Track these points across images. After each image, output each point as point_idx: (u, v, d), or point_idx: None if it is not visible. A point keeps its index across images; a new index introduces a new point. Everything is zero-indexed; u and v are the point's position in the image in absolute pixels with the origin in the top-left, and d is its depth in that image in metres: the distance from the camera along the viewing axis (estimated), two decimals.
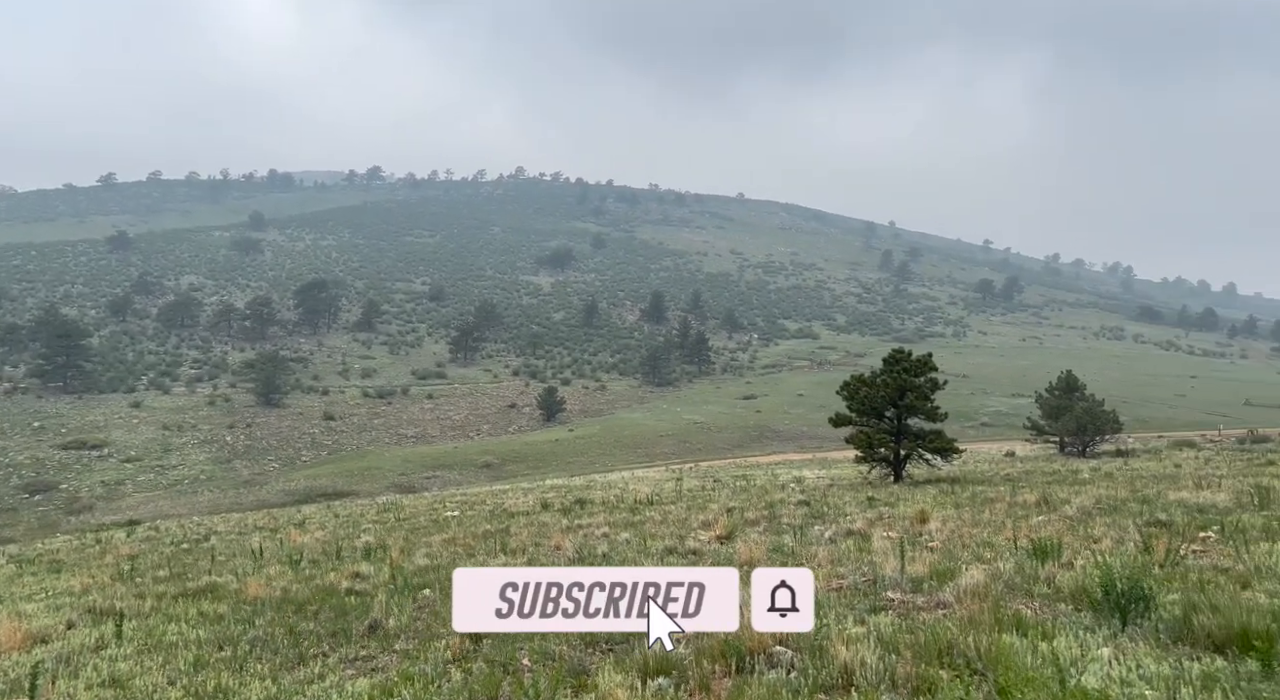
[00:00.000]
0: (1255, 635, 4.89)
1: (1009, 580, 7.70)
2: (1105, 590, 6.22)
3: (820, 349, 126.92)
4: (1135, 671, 4.63)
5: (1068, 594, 6.98)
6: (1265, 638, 4.84)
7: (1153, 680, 4.48)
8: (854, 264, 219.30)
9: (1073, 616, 6.21)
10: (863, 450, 29.09)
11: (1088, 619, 6.05)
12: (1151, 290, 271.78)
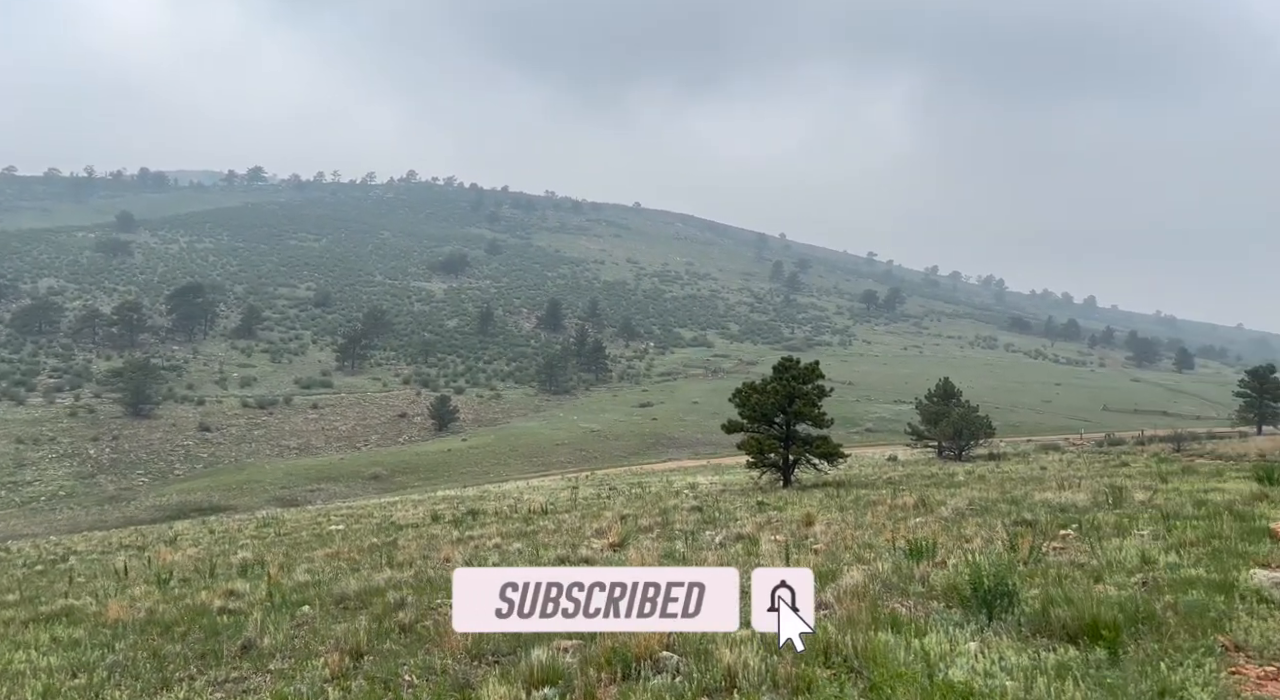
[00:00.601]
0: (1104, 625, 5.24)
1: (886, 580, 7.99)
2: (974, 588, 6.53)
3: (715, 357, 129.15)
4: (998, 664, 4.88)
5: (940, 592, 7.29)
6: (1112, 627, 5.19)
7: (1013, 671, 4.73)
8: (747, 274, 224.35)
9: (944, 613, 6.49)
10: (754, 456, 29.75)
11: (958, 615, 6.34)
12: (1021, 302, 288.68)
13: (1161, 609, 5.88)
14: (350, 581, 11.18)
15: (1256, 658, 5.01)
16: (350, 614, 9.24)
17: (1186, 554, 8.31)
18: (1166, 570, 7.49)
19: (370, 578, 11.47)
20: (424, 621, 8.05)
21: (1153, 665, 4.59)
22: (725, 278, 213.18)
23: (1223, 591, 6.41)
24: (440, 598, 9.34)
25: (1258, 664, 4.91)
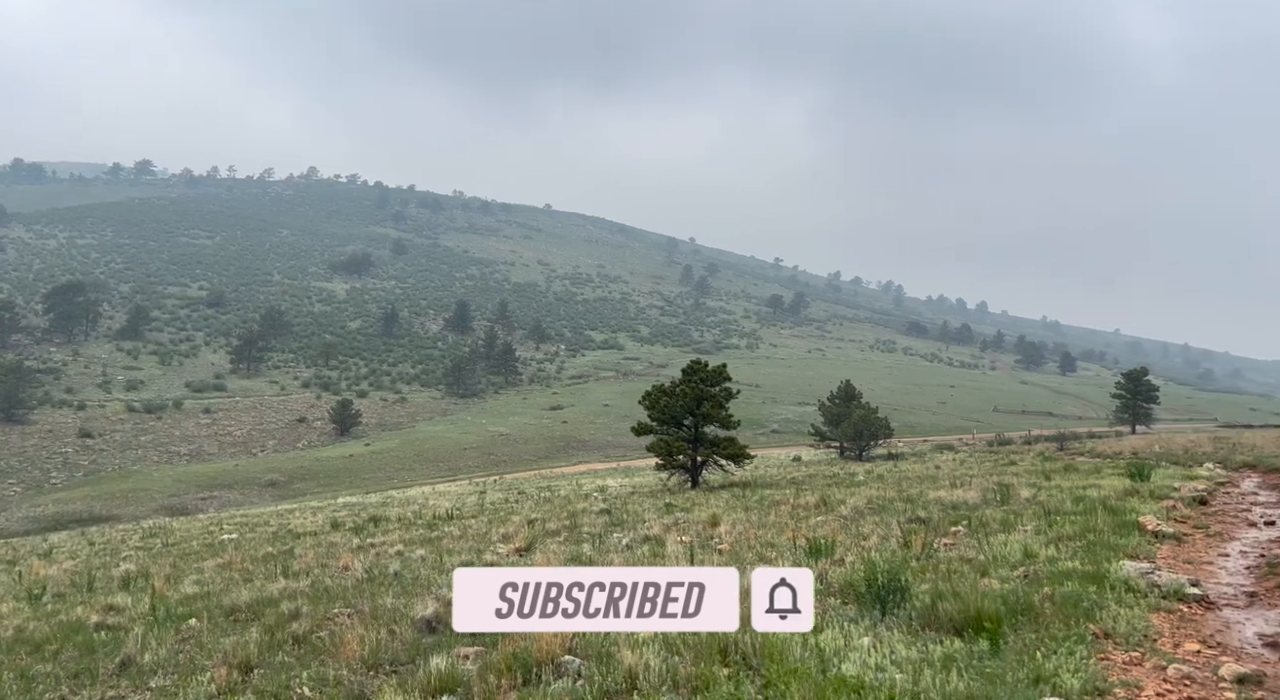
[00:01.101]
0: (987, 618, 5.49)
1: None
2: (868, 585, 6.74)
3: (625, 359, 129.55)
4: (889, 657, 5.04)
5: (838, 589, 7.50)
6: (994, 620, 5.44)
7: (902, 664, 4.90)
8: (657, 278, 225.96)
9: (840, 609, 6.67)
10: (663, 458, 29.95)
11: (853, 611, 6.53)
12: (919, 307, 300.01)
13: (1040, 601, 6.19)
14: (242, 592, 10.72)
15: (1123, 644, 5.33)
16: (241, 626, 8.86)
17: (1064, 548, 8.78)
18: (1046, 563, 7.89)
19: (264, 588, 11.03)
20: (319, 632, 7.79)
21: (1029, 654, 4.84)
22: (636, 281, 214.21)
23: (1095, 582, 6.80)
24: (338, 607, 9.06)
25: (1124, 650, 5.23)
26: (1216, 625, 6.09)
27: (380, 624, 7.39)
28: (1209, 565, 8.43)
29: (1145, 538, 9.61)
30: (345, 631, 7.08)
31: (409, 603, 8.45)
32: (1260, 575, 7.87)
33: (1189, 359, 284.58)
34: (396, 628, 7.24)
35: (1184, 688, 4.57)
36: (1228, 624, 6.14)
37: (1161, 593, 6.63)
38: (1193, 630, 5.85)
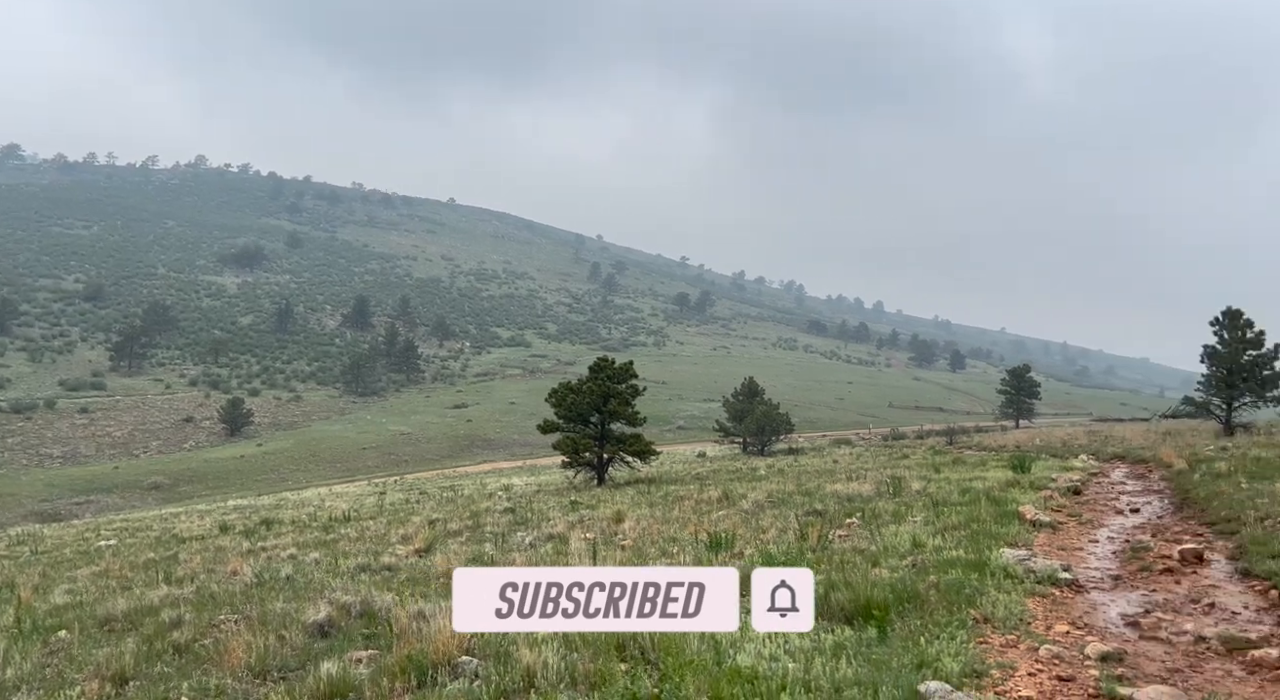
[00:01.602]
0: (875, 606, 5.69)
1: None
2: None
3: (532, 357, 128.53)
4: (783, 647, 5.16)
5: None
6: (882, 608, 5.64)
7: (795, 653, 5.03)
8: (565, 275, 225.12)
9: (740, 602, 6.79)
10: (569, 455, 29.88)
11: (749, 603, 6.65)
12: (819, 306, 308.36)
13: (926, 588, 6.45)
14: (119, 601, 10.13)
15: (1001, 627, 5.61)
16: (117, 637, 8.38)
17: (950, 537, 9.18)
18: (933, 553, 8.23)
19: (143, 596, 10.46)
20: (203, 640, 7.44)
21: (914, 640, 5.04)
22: (543, 277, 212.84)
23: (978, 570, 7.14)
24: (224, 613, 8.67)
25: (1001, 633, 5.50)
26: (1085, 607, 6.48)
27: (269, 630, 7.11)
28: (1080, 551, 8.97)
29: (1024, 526, 10.14)
30: (231, 638, 6.78)
31: (301, 607, 8.16)
32: (1124, 560, 8.42)
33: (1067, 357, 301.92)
34: (287, 633, 6.98)
35: (1054, 666, 4.84)
36: (1094, 606, 6.55)
37: (1036, 578, 7.01)
38: (1063, 613, 6.21)
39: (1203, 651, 5.32)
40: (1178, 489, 14.38)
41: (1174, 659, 5.20)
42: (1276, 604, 6.44)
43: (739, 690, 4.07)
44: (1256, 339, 31.06)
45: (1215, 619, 6.11)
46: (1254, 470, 14.66)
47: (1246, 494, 11.68)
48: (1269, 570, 7.11)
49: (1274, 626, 5.89)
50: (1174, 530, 10.09)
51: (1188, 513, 11.70)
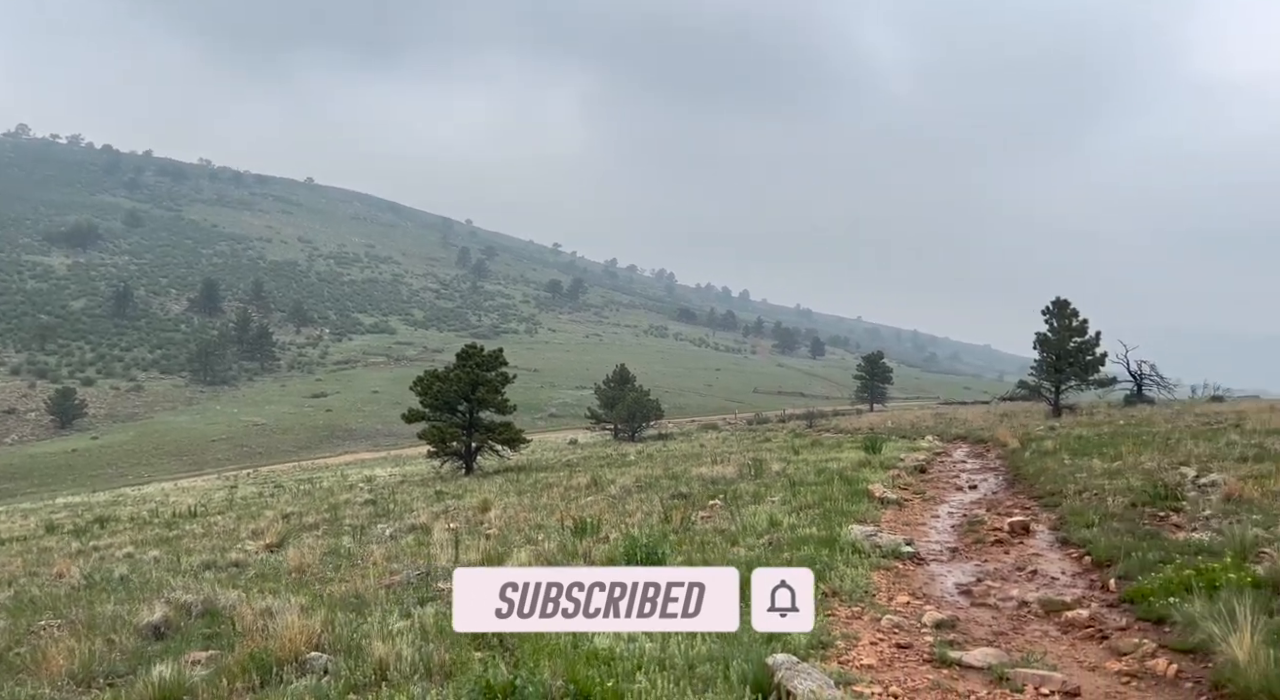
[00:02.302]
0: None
1: (551, 558, 8.23)
2: (628, 558, 6.95)
3: (397, 344, 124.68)
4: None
5: (600, 565, 7.66)
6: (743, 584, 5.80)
7: (653, 633, 5.09)
8: (432, 259, 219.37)
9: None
10: (435, 445, 29.22)
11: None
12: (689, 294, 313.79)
13: (779, 565, 6.68)
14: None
15: (847, 600, 5.89)
16: None
17: (805, 515, 9.56)
18: (789, 530, 8.55)
19: None
20: (17, 648, 6.82)
21: None
22: (409, 262, 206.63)
23: (828, 546, 7.46)
24: (46, 618, 7.97)
25: (848, 606, 5.77)
26: (925, 579, 6.90)
27: (97, 634, 6.60)
28: (923, 526, 9.54)
29: (873, 504, 10.69)
30: (51, 645, 6.23)
31: (134, 609, 7.61)
32: (962, 533, 9.02)
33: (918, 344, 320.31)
34: (116, 637, 6.50)
35: (894, 635, 5.12)
36: (933, 577, 6.98)
37: (882, 553, 7.40)
38: (905, 584, 6.59)
39: (1025, 615, 5.77)
40: (1011, 466, 15.53)
41: (1000, 623, 5.61)
42: (1089, 569, 7.06)
43: (595, 672, 4.08)
44: (1081, 327, 33.91)
45: (1037, 585, 6.64)
46: (1076, 447, 16.01)
47: (1069, 469, 12.74)
48: (1083, 538, 7.78)
49: (1086, 589, 6.45)
50: (1006, 505, 10.89)
51: (1019, 488, 12.66)
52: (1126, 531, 7.65)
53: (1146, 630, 5.20)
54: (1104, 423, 24.36)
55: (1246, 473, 10.16)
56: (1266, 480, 9.31)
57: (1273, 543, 6.53)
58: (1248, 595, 5.03)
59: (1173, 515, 8.42)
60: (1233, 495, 8.75)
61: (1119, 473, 11.52)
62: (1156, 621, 5.27)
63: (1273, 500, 8.37)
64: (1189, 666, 4.47)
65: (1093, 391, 35.90)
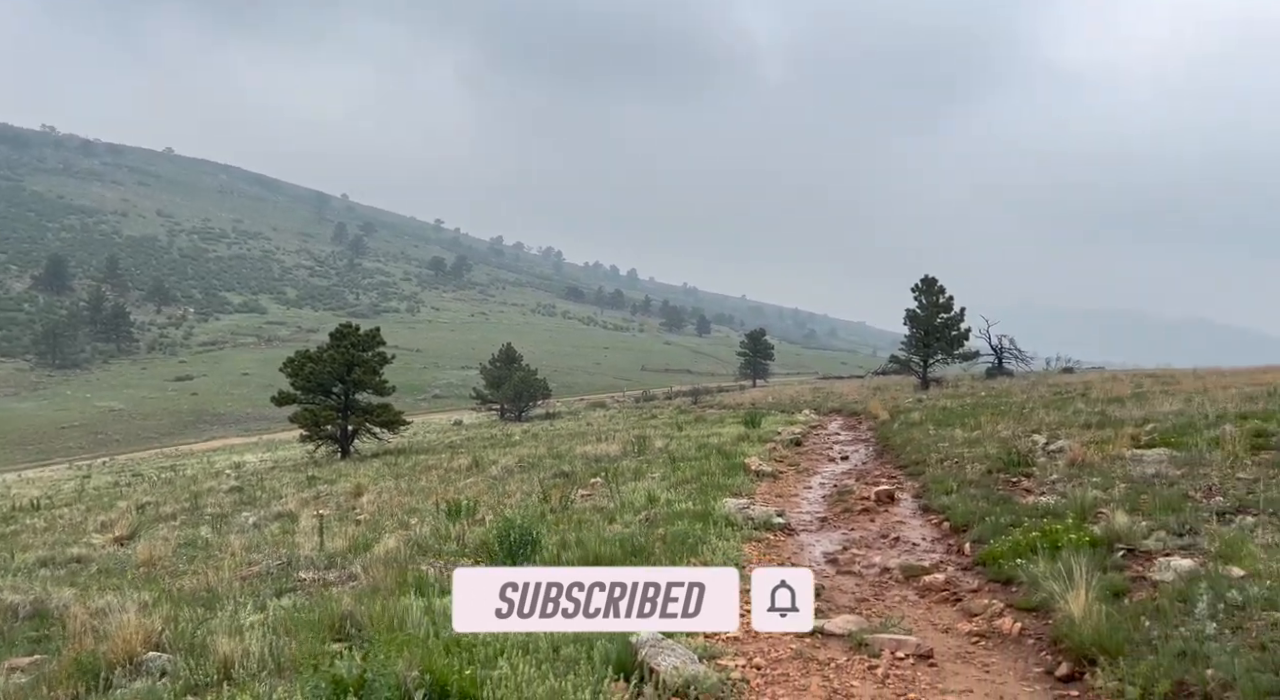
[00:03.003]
0: (601, 561, 5.79)
1: (423, 543, 7.98)
2: (500, 540, 6.79)
3: (269, 324, 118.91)
4: None
5: (473, 548, 7.48)
6: (609, 562, 5.75)
7: None
8: (305, 235, 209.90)
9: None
10: (309, 428, 28.11)
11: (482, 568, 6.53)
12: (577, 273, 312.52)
13: (653, 541, 6.68)
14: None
15: None
16: None
17: (682, 491, 9.63)
18: (665, 506, 8.58)
19: None
20: None
21: None
22: (280, 238, 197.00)
23: (702, 520, 7.52)
24: None
25: None
26: (794, 548, 7.04)
27: None
28: (795, 497, 9.77)
29: (749, 477, 10.88)
30: None
31: None
32: (831, 503, 9.28)
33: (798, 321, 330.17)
34: None
35: None
36: (803, 546, 7.14)
37: (754, 525, 7.51)
38: (775, 554, 6.71)
39: (887, 581, 5.96)
40: (880, 438, 16.15)
41: (863, 589, 5.77)
42: (948, 534, 7.38)
43: (455, 660, 3.93)
44: (947, 304, 35.65)
45: (899, 551, 6.89)
46: (940, 418, 16.81)
47: (933, 439, 13.34)
48: (943, 505, 8.13)
49: (944, 554, 6.74)
50: (874, 474, 11.30)
51: (887, 458, 13.17)
52: (982, 497, 8.04)
53: (996, 591, 5.46)
54: (967, 394, 25.72)
55: (1089, 438, 10.88)
56: (1106, 445, 9.98)
57: (1109, 503, 6.99)
58: (1085, 554, 5.34)
59: (1024, 480, 8.91)
60: (1077, 460, 9.33)
61: (978, 442, 12.13)
62: (1005, 582, 5.54)
63: (1111, 463, 8.97)
64: (1032, 624, 4.71)
65: (958, 365, 37.85)
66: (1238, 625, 3.89)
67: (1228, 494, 6.77)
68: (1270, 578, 4.40)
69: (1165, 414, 12.88)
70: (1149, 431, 11.06)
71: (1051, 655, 4.26)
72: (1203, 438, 9.62)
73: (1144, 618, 4.18)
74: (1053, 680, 4.00)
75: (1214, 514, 6.19)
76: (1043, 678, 4.06)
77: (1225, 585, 4.37)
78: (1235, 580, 4.47)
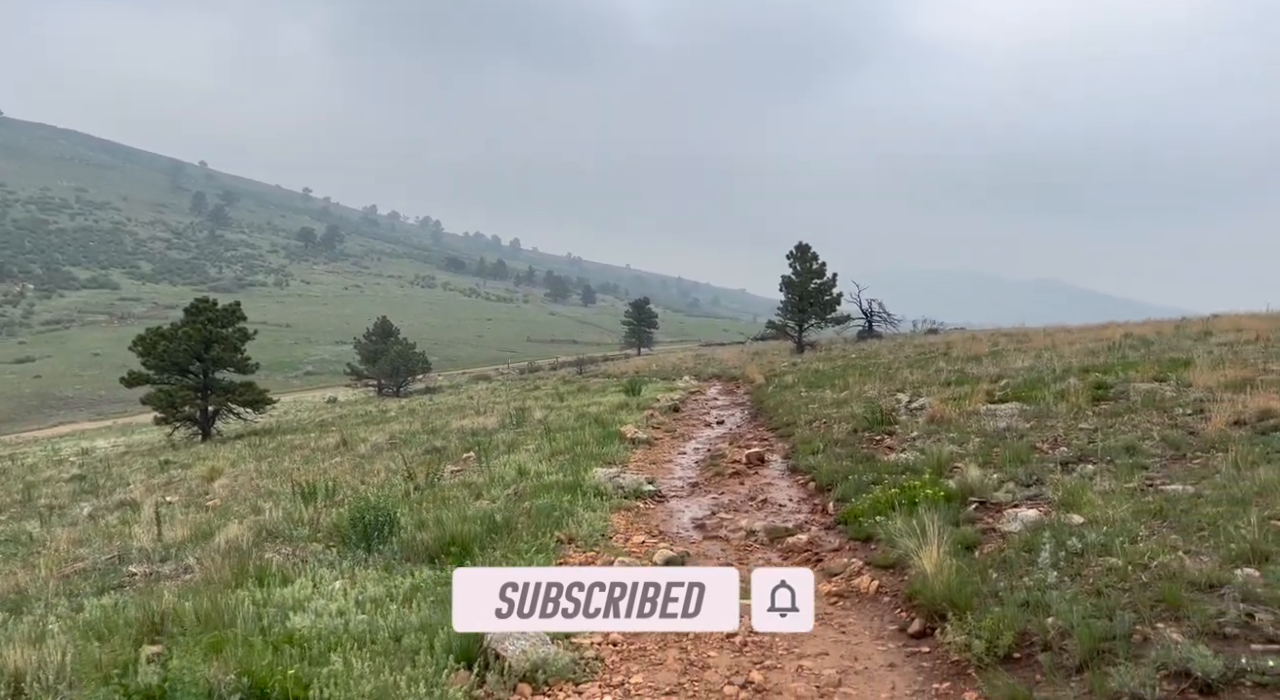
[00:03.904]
0: (457, 541, 5.49)
1: (274, 528, 7.45)
2: (354, 523, 6.38)
3: (122, 301, 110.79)
4: (354, 599, 4.74)
5: (326, 532, 7.02)
6: (465, 542, 5.47)
7: (366, 603, 4.64)
8: (160, 206, 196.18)
9: (322, 554, 6.21)
10: (164, 410, 26.39)
11: (334, 554, 6.12)
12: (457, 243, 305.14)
13: (519, 515, 6.43)
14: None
15: (583, 546, 5.75)
16: None
17: (555, 462, 9.40)
18: (535, 479, 8.33)
19: None
20: None
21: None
22: (132, 209, 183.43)
23: (571, 491, 7.31)
24: None
25: (583, 551, 5.63)
26: (663, 515, 6.94)
27: None
28: (669, 463, 9.71)
29: (624, 445, 10.76)
30: None
31: None
32: (704, 468, 9.26)
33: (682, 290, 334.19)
34: None
35: None
36: (672, 513, 7.04)
37: (624, 493, 7.37)
38: (643, 523, 6.58)
39: (752, 544, 5.93)
40: (756, 401, 16.39)
41: (728, 554, 5.71)
42: (813, 494, 7.45)
43: (280, 659, 3.57)
44: (820, 269, 36.61)
45: (766, 513, 6.89)
46: (812, 381, 17.20)
47: (804, 401, 13.60)
48: (809, 465, 8.22)
49: (809, 514, 6.78)
50: (747, 437, 11.39)
51: (760, 421, 13.34)
52: (847, 456, 8.17)
53: (856, 549, 5.50)
54: (839, 357, 26.52)
55: (948, 395, 11.29)
56: (963, 401, 10.37)
57: (964, 457, 7.20)
58: (940, 509, 5.43)
59: (887, 438, 9.13)
60: (936, 417, 9.64)
61: (845, 402, 12.42)
62: (865, 540, 5.58)
63: (968, 419, 9.30)
64: (889, 581, 4.73)
65: (832, 329, 39.05)
66: (1077, 572, 3.99)
67: (1071, 444, 7.09)
68: (1106, 524, 4.56)
69: (1018, 370, 13.55)
70: (1002, 387, 11.58)
71: (906, 612, 4.29)
72: (1050, 391, 10.12)
73: (992, 570, 4.25)
74: (905, 637, 4.02)
75: (1058, 464, 6.45)
76: (896, 635, 4.07)
77: (1066, 533, 4.50)
78: (1075, 527, 4.61)
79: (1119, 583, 3.76)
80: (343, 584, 5.20)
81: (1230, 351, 12.56)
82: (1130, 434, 7.03)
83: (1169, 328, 21.16)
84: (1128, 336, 18.83)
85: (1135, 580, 3.75)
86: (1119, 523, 4.56)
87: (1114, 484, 5.52)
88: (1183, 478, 5.56)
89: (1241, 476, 5.19)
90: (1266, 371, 9.78)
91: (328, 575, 5.43)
